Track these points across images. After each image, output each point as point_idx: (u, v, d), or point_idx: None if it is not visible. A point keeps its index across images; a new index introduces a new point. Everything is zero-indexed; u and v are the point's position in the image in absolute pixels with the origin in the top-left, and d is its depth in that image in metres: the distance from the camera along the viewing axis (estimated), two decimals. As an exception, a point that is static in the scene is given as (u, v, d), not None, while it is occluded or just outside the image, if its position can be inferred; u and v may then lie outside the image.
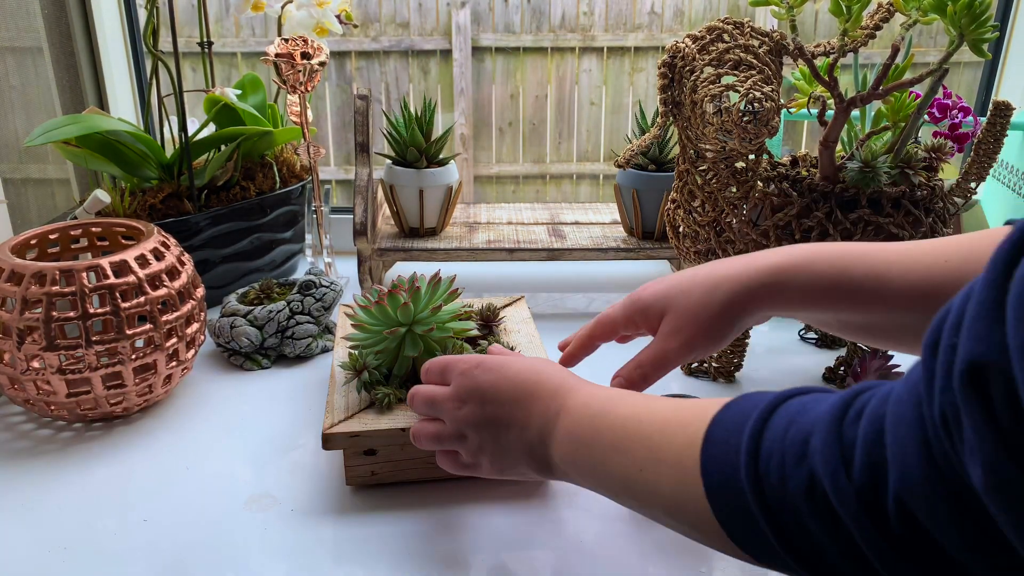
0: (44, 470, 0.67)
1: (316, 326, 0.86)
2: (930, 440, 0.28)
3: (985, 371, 0.24)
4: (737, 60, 0.67)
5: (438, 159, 1.03)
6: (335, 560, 0.57)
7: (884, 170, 0.72)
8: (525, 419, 0.49)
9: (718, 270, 0.54)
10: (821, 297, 0.50)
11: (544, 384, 0.50)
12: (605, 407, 0.46)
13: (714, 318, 0.52)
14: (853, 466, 0.31)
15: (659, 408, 0.43)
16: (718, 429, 0.38)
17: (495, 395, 0.51)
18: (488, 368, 0.52)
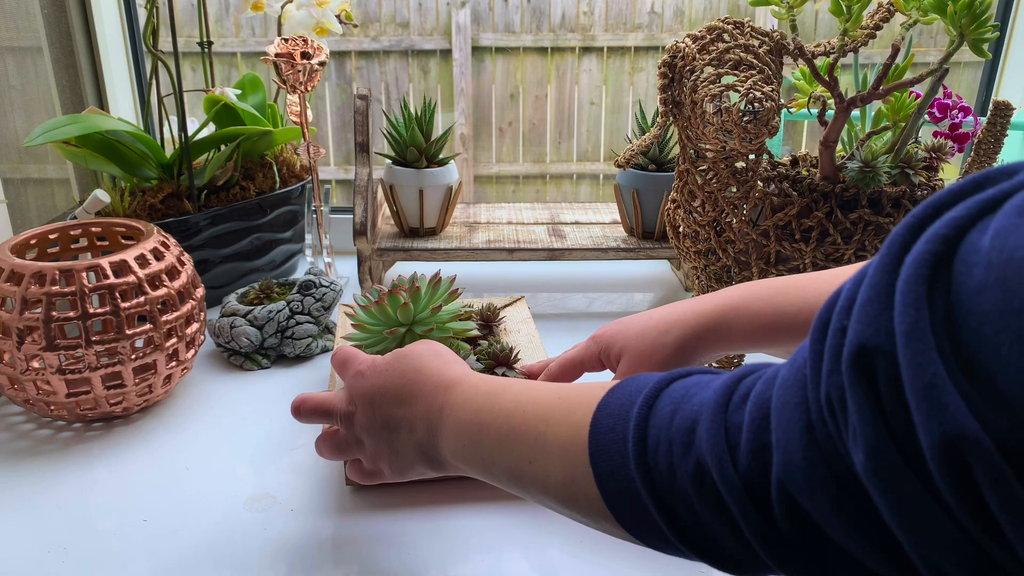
0: (44, 470, 0.67)
1: (316, 326, 0.86)
2: (814, 424, 0.28)
3: (872, 355, 0.24)
4: (737, 60, 0.67)
5: (438, 159, 1.03)
6: (335, 560, 0.57)
7: (884, 170, 0.72)
8: (411, 419, 0.49)
9: (670, 315, 0.57)
10: (762, 335, 0.54)
11: (426, 381, 0.49)
12: (489, 401, 0.45)
13: (666, 360, 0.55)
14: (739, 452, 0.31)
15: (543, 396, 0.43)
16: (603, 416, 0.38)
17: (382, 397, 0.50)
18: (377, 369, 0.52)
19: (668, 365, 0.55)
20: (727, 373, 0.35)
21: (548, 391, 0.43)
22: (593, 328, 0.62)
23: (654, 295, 1.06)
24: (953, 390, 0.22)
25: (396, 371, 0.51)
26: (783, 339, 0.53)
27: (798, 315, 0.52)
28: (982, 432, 0.21)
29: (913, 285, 0.24)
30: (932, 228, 0.24)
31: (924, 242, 0.24)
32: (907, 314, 0.23)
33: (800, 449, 0.28)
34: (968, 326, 0.22)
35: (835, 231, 0.71)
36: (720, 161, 0.73)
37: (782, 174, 0.74)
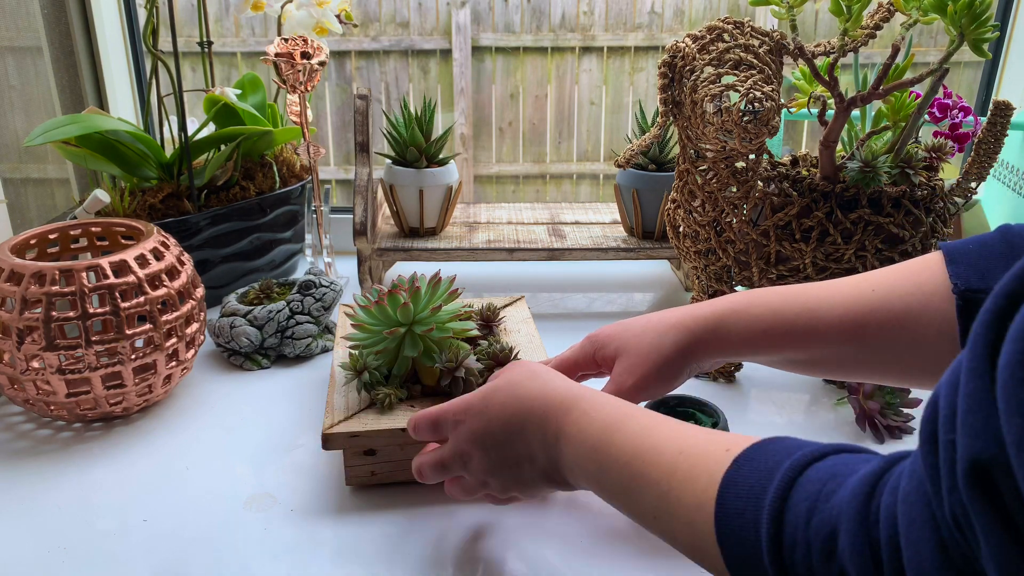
0: (44, 470, 0.67)
1: (316, 326, 0.86)
2: (946, 543, 0.26)
3: (988, 467, 0.23)
4: (737, 60, 0.67)
5: (438, 159, 1.03)
6: (334, 560, 0.57)
7: (884, 170, 0.72)
8: (529, 452, 0.49)
9: (668, 318, 0.56)
10: (760, 339, 0.53)
11: (533, 410, 0.49)
12: (604, 440, 0.44)
13: (664, 361, 0.55)
14: (883, 570, 0.30)
15: (665, 444, 0.42)
16: (731, 496, 0.37)
17: (492, 439, 0.50)
18: (476, 412, 0.51)
19: (666, 367, 0.55)
20: (864, 465, 0.33)
21: (668, 439, 0.42)
22: (593, 328, 0.62)
23: (654, 295, 1.06)
24: None
25: (497, 406, 0.50)
26: (781, 345, 0.53)
27: (796, 320, 0.52)
28: None
29: (1013, 390, 0.23)
30: (1018, 321, 0.23)
31: (1011, 341, 0.23)
32: (1013, 423, 0.22)
33: (935, 571, 0.27)
34: None
35: (835, 231, 0.71)
36: (720, 161, 0.73)
37: (782, 174, 0.74)
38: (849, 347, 0.51)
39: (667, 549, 0.56)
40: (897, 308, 0.49)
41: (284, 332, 0.85)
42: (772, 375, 0.84)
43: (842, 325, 0.50)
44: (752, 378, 0.83)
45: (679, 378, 0.56)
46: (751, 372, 0.84)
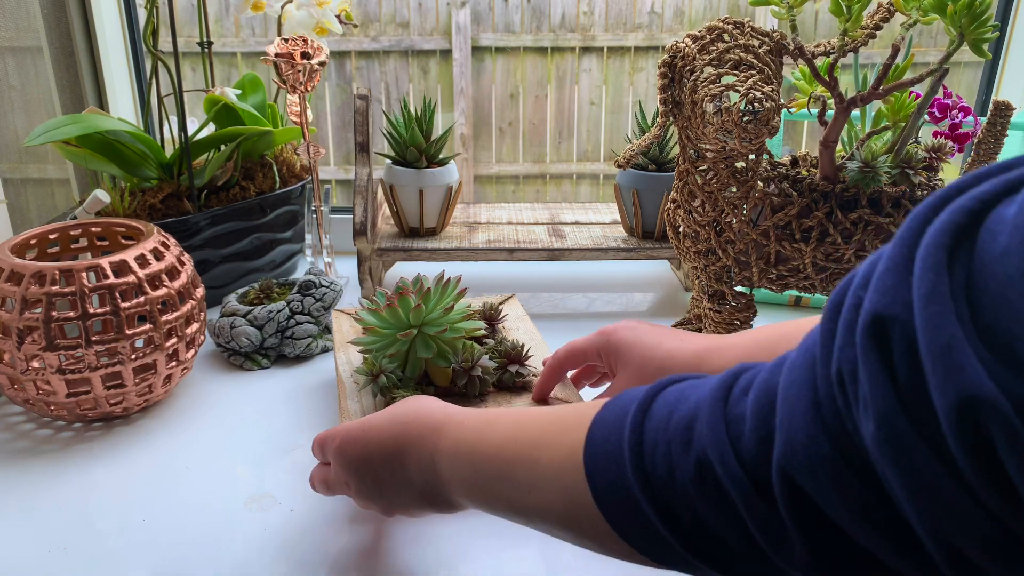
0: (44, 470, 0.67)
1: (316, 326, 0.86)
2: (821, 401, 0.27)
3: (888, 323, 0.24)
4: (737, 60, 0.67)
5: (438, 159, 1.03)
6: (335, 560, 0.57)
7: (884, 170, 0.72)
8: (405, 477, 0.48)
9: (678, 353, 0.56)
10: None
11: (408, 434, 0.48)
12: (479, 436, 0.44)
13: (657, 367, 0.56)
14: (742, 442, 0.30)
15: (535, 422, 0.42)
16: (599, 428, 0.37)
17: (368, 466, 0.50)
18: (354, 439, 0.51)
19: None
20: (710, 382, 0.34)
21: (539, 417, 0.42)
22: (593, 327, 0.62)
23: (654, 295, 1.06)
24: (971, 353, 0.22)
25: (374, 432, 0.50)
26: None
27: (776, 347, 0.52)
28: (1000, 394, 0.21)
29: (933, 251, 0.24)
30: (956, 202, 0.24)
31: (948, 213, 0.24)
32: (926, 279, 0.23)
33: (804, 427, 0.27)
34: (989, 290, 0.22)
35: (835, 231, 0.71)
36: (720, 161, 0.73)
37: (782, 174, 0.74)
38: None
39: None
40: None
41: (284, 332, 0.85)
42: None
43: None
44: (752, 378, 0.83)
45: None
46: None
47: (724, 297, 0.79)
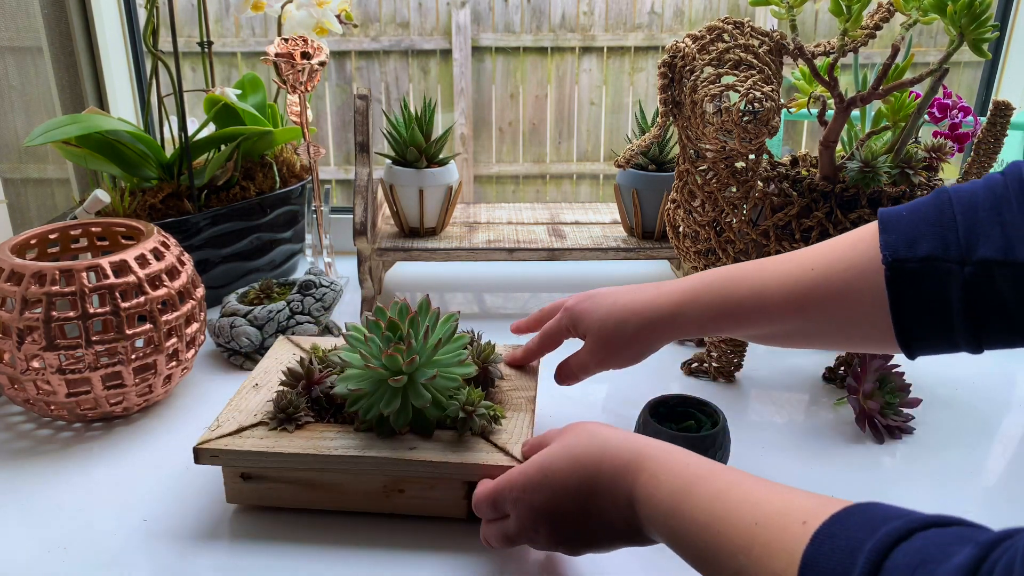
0: (44, 470, 0.67)
1: (316, 326, 0.86)
2: None
3: None
4: (737, 60, 0.67)
5: (438, 159, 1.03)
6: (337, 561, 0.57)
7: (884, 170, 0.72)
8: (604, 519, 0.48)
9: (631, 304, 0.61)
10: (713, 322, 0.58)
11: (599, 478, 0.47)
12: (675, 507, 0.43)
13: (623, 346, 0.62)
14: None
15: (736, 518, 0.40)
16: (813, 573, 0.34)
17: (560, 512, 0.49)
18: (536, 486, 0.50)
19: (625, 351, 0.62)
20: (959, 547, 0.30)
21: (739, 507, 0.40)
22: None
23: (654, 295, 1.06)
24: None
25: (560, 476, 0.49)
26: (733, 326, 0.57)
27: (743, 302, 0.56)
28: None
29: None
30: None
31: None
32: None
33: None
34: None
35: (835, 231, 0.71)
36: (720, 161, 0.73)
37: (782, 174, 0.74)
38: (794, 322, 0.54)
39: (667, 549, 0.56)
40: (835, 284, 0.52)
41: (284, 332, 0.85)
42: (772, 375, 0.84)
43: (786, 304, 0.54)
44: (752, 378, 0.83)
45: (641, 357, 0.63)
46: (751, 372, 0.84)
47: (724, 297, 0.79)
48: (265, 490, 0.60)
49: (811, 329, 0.54)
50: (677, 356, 0.87)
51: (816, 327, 0.54)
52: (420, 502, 0.60)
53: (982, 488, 0.65)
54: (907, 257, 0.48)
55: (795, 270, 0.54)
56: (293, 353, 0.72)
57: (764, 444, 0.71)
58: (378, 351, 0.59)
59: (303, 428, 0.60)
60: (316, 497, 0.60)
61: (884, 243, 0.49)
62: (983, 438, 0.72)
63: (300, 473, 0.59)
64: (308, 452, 0.57)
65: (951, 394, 0.80)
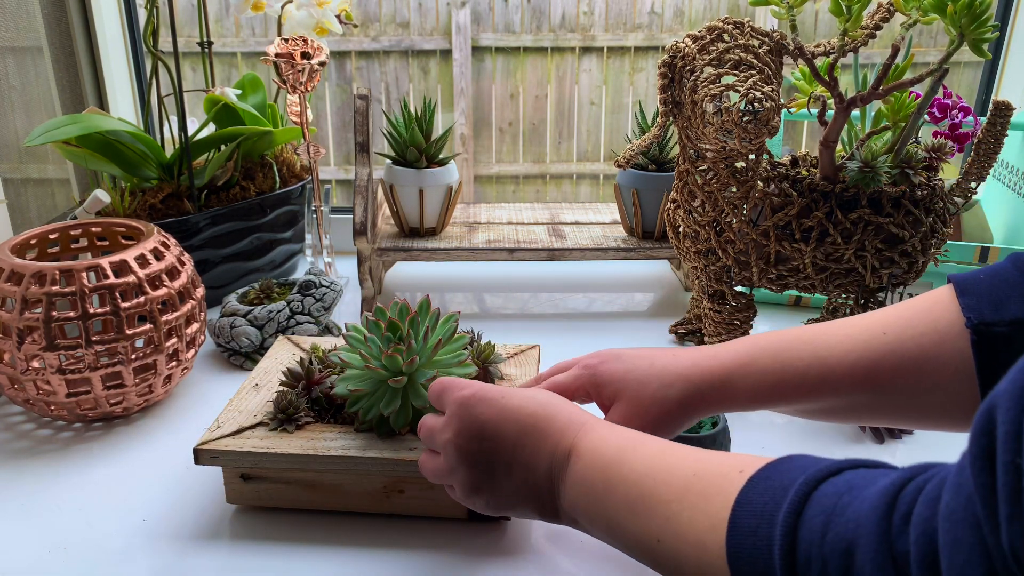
0: (44, 470, 0.67)
1: (316, 326, 0.86)
2: (998, 573, 0.25)
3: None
4: (737, 60, 0.67)
5: (438, 159, 1.03)
6: (328, 559, 0.57)
7: (884, 170, 0.72)
8: (530, 460, 0.46)
9: (673, 366, 0.53)
10: (769, 394, 0.51)
11: (554, 420, 0.46)
12: (619, 456, 0.43)
13: (665, 415, 0.52)
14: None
15: (677, 467, 0.41)
16: (744, 515, 0.36)
17: (495, 432, 0.47)
18: (487, 399, 0.48)
19: (666, 420, 0.52)
20: (882, 478, 0.32)
21: (682, 460, 0.41)
22: (593, 327, 0.62)
23: (654, 295, 1.06)
24: None
25: (514, 403, 0.48)
26: (791, 398, 0.51)
27: (807, 372, 0.50)
28: None
29: None
30: None
31: None
32: None
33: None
34: None
35: (835, 231, 0.71)
36: (720, 161, 0.73)
37: (782, 174, 0.74)
38: (863, 395, 0.49)
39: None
40: (911, 350, 0.47)
41: (284, 332, 0.85)
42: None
43: (854, 373, 0.49)
44: (752, 378, 0.83)
45: (679, 428, 0.54)
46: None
47: (724, 297, 0.79)
48: (265, 491, 0.60)
49: (881, 403, 0.49)
50: (677, 356, 0.87)
51: (887, 400, 0.49)
52: (420, 502, 0.60)
53: (982, 488, 0.65)
54: (994, 320, 0.44)
55: (863, 335, 0.49)
56: (293, 353, 0.72)
57: (764, 444, 0.71)
58: (378, 351, 0.59)
59: (303, 429, 0.60)
60: (316, 498, 0.60)
61: (966, 306, 0.45)
62: (983, 438, 0.72)
63: (300, 474, 0.59)
64: (308, 453, 0.57)
65: (951, 394, 0.80)
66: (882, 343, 0.48)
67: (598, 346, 0.59)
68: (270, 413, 0.61)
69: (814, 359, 0.50)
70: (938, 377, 0.46)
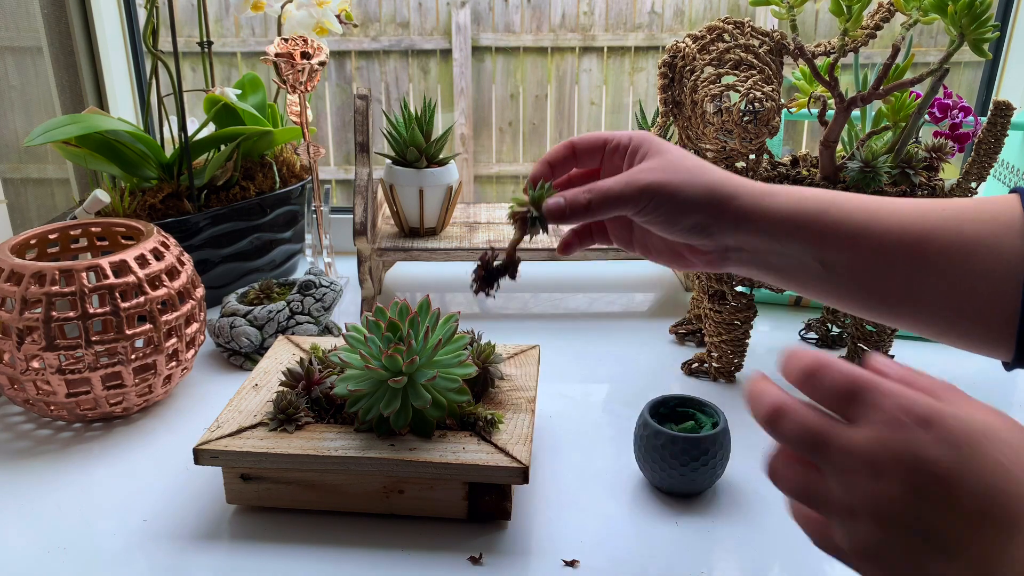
0: (44, 470, 0.67)
1: (316, 326, 0.86)
2: None
3: None
4: (737, 60, 0.67)
5: (438, 159, 1.03)
6: (328, 559, 0.57)
7: (885, 170, 0.72)
8: (979, 558, 0.29)
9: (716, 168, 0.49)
10: (807, 221, 0.45)
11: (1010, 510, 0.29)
12: None
13: (698, 182, 0.46)
14: None
15: None
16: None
17: (946, 494, 0.30)
18: (947, 435, 0.30)
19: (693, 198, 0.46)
20: None
21: None
22: (593, 327, 0.62)
23: (654, 295, 1.06)
24: None
25: (985, 461, 0.29)
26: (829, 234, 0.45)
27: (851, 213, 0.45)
28: None
29: None
30: None
31: None
32: None
33: None
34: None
35: (835, 231, 0.71)
36: (720, 161, 0.73)
37: (782, 174, 0.74)
38: (903, 262, 0.43)
39: (666, 551, 0.56)
40: (967, 231, 0.43)
41: (284, 332, 0.85)
42: (772, 375, 0.83)
43: (902, 232, 0.44)
44: (752, 378, 0.83)
45: (693, 232, 0.47)
46: (751, 372, 0.84)
47: (724, 297, 0.79)
48: (265, 491, 0.60)
49: (920, 283, 0.43)
50: (677, 356, 0.87)
51: (927, 281, 0.43)
52: (420, 502, 0.60)
53: (982, 488, 0.65)
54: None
55: (920, 206, 0.44)
56: (293, 353, 0.72)
57: (764, 445, 0.71)
58: (378, 351, 0.59)
59: (303, 429, 0.60)
60: (316, 498, 0.60)
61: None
62: (983, 438, 0.72)
63: (300, 474, 0.59)
64: (308, 453, 0.57)
65: (951, 394, 0.80)
66: (938, 216, 0.44)
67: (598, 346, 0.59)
68: (270, 413, 0.61)
69: (861, 207, 0.45)
70: (989, 267, 0.42)
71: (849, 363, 0.34)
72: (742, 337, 0.80)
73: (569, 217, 0.47)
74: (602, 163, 0.53)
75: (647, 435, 0.62)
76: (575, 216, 0.47)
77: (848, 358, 0.81)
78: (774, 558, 0.57)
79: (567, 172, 0.54)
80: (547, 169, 0.52)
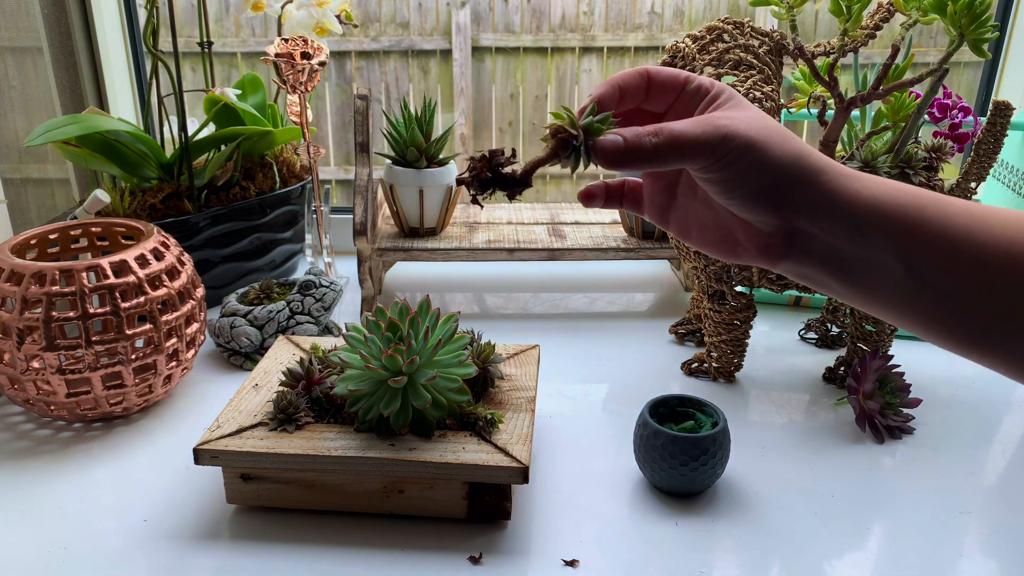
0: (44, 470, 0.67)
1: (316, 326, 0.86)
2: None
3: None
4: (737, 60, 0.67)
5: (438, 159, 1.03)
6: (328, 559, 0.57)
7: (884, 170, 0.72)
8: None
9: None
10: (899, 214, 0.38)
11: None
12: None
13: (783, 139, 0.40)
14: None
15: None
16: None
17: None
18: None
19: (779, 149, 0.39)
20: None
21: None
22: (593, 327, 0.62)
23: (654, 295, 1.06)
24: None
25: None
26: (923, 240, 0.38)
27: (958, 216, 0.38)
28: None
29: None
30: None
31: None
32: None
33: None
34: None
35: (835, 231, 0.71)
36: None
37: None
38: (1007, 280, 0.36)
39: (667, 550, 0.56)
40: None
41: (284, 332, 0.85)
42: (772, 375, 0.84)
43: (1011, 245, 0.36)
44: (752, 378, 0.83)
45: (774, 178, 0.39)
46: (751, 372, 0.84)
47: (724, 297, 0.79)
48: (265, 490, 0.60)
49: (1019, 313, 0.36)
50: (677, 356, 0.87)
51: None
52: (420, 502, 0.60)
53: (982, 488, 0.65)
54: None
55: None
56: (293, 353, 0.73)
57: (764, 444, 0.71)
58: (378, 351, 0.59)
59: (303, 429, 0.60)
60: (316, 498, 0.60)
61: None
62: (983, 438, 0.72)
63: (300, 474, 0.59)
64: (308, 453, 0.57)
65: (951, 394, 0.80)
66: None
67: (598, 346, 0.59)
68: (270, 413, 0.61)
69: (965, 209, 0.38)
70: None
71: None
72: (742, 337, 0.80)
73: (624, 162, 0.40)
74: (671, 108, 0.44)
75: (647, 435, 0.62)
76: (632, 162, 0.40)
77: (848, 357, 0.81)
78: (774, 558, 0.57)
79: (628, 108, 0.45)
80: (616, 94, 0.43)
